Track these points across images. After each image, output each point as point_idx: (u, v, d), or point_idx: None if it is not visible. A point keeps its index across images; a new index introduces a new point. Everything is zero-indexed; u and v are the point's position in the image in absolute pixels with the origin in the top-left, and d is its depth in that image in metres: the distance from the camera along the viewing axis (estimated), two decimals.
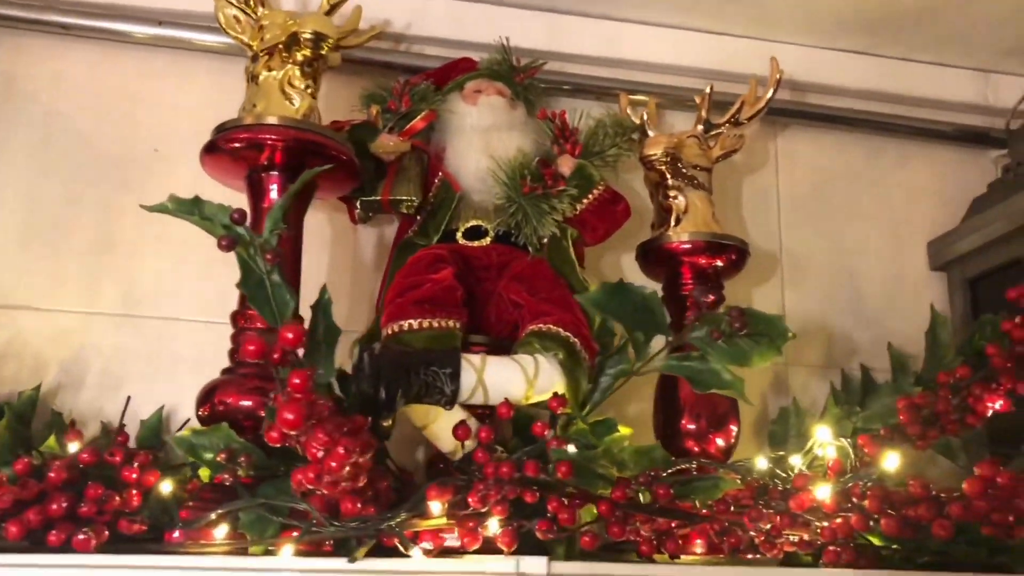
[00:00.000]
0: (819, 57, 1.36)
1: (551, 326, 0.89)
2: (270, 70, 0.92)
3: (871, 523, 0.82)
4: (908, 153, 1.39)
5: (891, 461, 0.89)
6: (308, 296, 0.82)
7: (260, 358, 0.62)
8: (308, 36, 0.90)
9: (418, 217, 1.04)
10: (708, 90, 1.13)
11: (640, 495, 0.80)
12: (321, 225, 1.16)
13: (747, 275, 1.27)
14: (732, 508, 0.81)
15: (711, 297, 0.90)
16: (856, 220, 1.34)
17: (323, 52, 0.92)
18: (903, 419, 1.00)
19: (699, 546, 0.81)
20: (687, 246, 1.04)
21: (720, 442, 1.00)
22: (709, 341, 0.82)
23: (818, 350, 1.28)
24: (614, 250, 1.20)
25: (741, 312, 0.82)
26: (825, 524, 0.81)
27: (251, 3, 0.96)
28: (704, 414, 1.00)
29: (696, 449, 0.99)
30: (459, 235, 1.02)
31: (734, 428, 1.02)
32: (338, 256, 1.16)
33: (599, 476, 0.80)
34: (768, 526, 0.82)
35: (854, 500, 0.84)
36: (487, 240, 1.01)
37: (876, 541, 0.86)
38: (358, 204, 1.03)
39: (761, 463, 0.97)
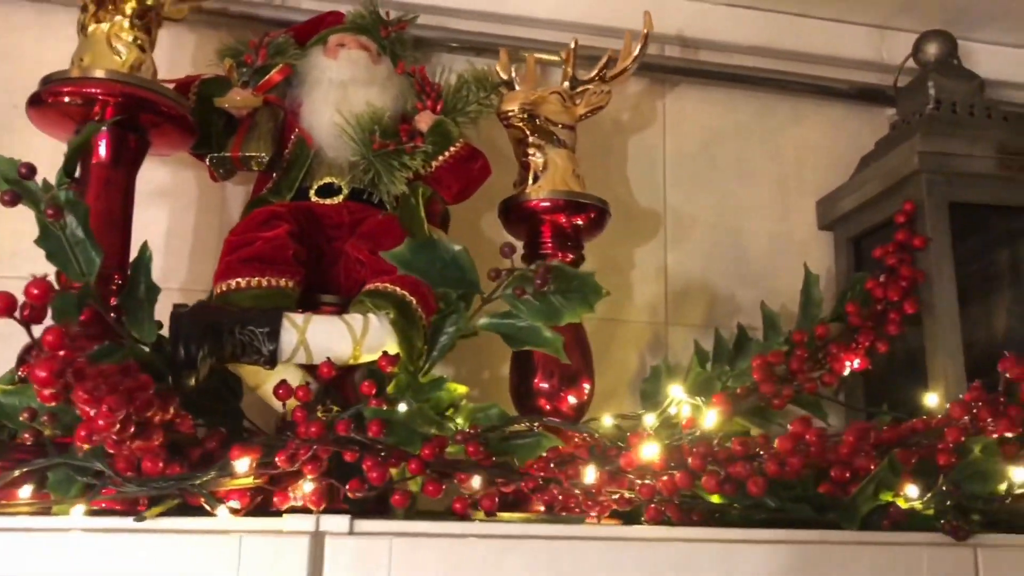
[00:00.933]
0: (711, 13, 1.34)
1: (387, 285, 0.87)
2: (99, 22, 0.90)
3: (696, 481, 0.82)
4: (801, 111, 1.37)
5: (710, 418, 0.89)
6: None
7: (7, 315, 0.60)
8: None
9: (274, 175, 1.02)
10: (572, 45, 1.10)
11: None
12: (187, 183, 1.14)
13: (630, 235, 1.27)
14: (552, 465, 0.80)
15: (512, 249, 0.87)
16: (745, 179, 1.33)
17: (149, 3, 0.89)
18: (756, 377, 1.00)
19: (522, 504, 0.81)
20: (546, 204, 1.02)
21: (572, 400, 0.99)
22: (517, 299, 0.81)
23: (700, 309, 1.27)
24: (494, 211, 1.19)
25: (547, 269, 0.80)
26: (647, 482, 0.81)
27: None
28: (557, 372, 0.99)
29: (548, 407, 0.99)
30: (312, 193, 1.00)
31: (587, 386, 1.01)
32: (204, 215, 1.15)
33: (419, 435, 0.79)
34: (589, 483, 0.82)
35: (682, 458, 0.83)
36: (340, 198, 0.99)
37: (717, 500, 0.86)
38: (207, 161, 1.01)
39: (607, 421, 0.97)
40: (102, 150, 0.88)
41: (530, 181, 1.03)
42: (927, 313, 1.08)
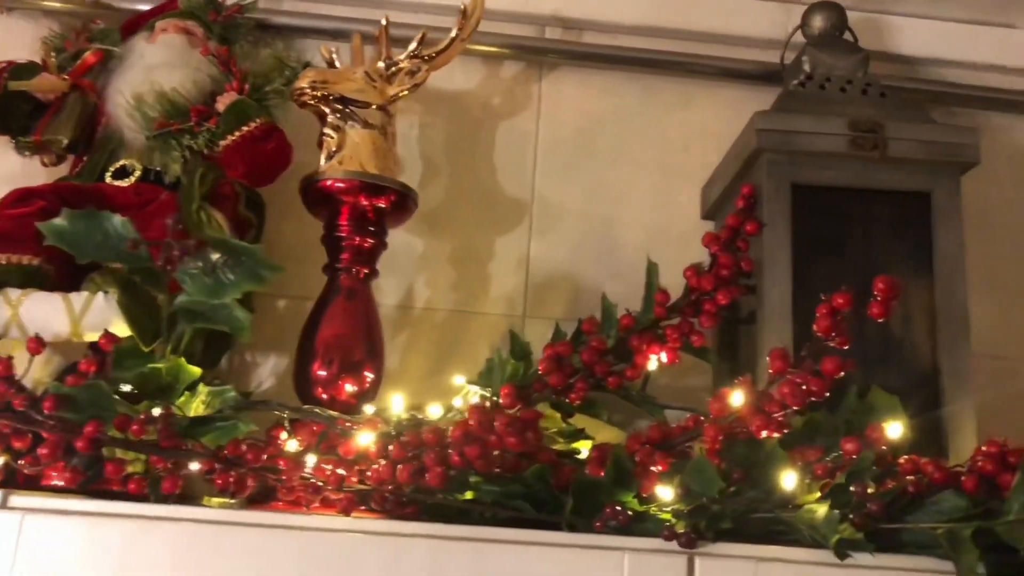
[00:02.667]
0: None
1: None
2: None
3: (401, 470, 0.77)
4: (691, 93, 1.28)
5: (434, 410, 0.84)
6: None
7: None
8: None
9: (85, 158, 1.04)
10: (383, 22, 1.07)
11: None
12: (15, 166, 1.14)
13: (492, 224, 1.23)
14: (245, 448, 0.77)
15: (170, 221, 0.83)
16: (623, 166, 1.25)
17: None
18: (541, 368, 0.94)
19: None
20: (340, 184, 0.99)
21: (350, 388, 0.95)
22: (187, 274, 0.78)
23: (562, 303, 1.20)
24: None
25: (199, 244, 0.77)
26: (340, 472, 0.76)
27: None
28: (337, 359, 0.96)
29: (324, 395, 0.95)
30: (108, 175, 1.00)
31: (369, 375, 0.96)
32: None
33: (110, 413, 0.77)
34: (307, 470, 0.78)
35: (390, 448, 0.78)
36: (131, 179, 0.99)
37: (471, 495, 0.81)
38: (14, 145, 1.03)
39: (369, 409, 0.93)
40: None
41: (322, 160, 1.00)
42: (759, 304, 0.98)
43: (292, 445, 0.79)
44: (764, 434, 0.77)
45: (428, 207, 1.20)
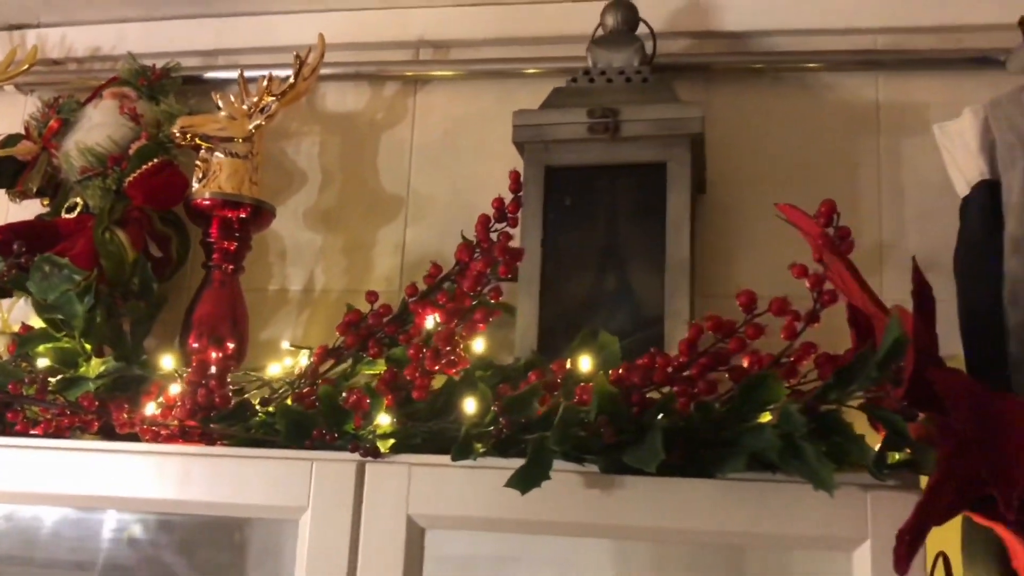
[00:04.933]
0: (449, 14, 1.51)
1: None
2: None
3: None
4: (539, 93, 1.48)
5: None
6: None
7: None
8: None
9: (52, 199, 1.43)
10: (239, 74, 1.37)
11: None
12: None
13: (375, 217, 1.50)
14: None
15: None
16: (483, 160, 1.48)
17: None
18: (338, 331, 1.21)
19: None
20: (206, 202, 1.31)
21: (215, 355, 1.26)
22: (33, 280, 1.13)
23: None
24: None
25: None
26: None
27: None
28: (206, 333, 1.28)
29: (197, 355, 1.27)
30: (63, 210, 1.38)
31: (232, 344, 1.28)
32: None
33: None
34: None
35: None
36: (76, 212, 1.37)
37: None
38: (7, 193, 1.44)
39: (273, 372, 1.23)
40: None
41: (194, 184, 1.32)
42: (520, 277, 1.19)
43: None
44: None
45: (326, 207, 1.51)
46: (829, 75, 1.40)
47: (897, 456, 0.88)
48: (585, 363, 0.99)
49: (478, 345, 1.13)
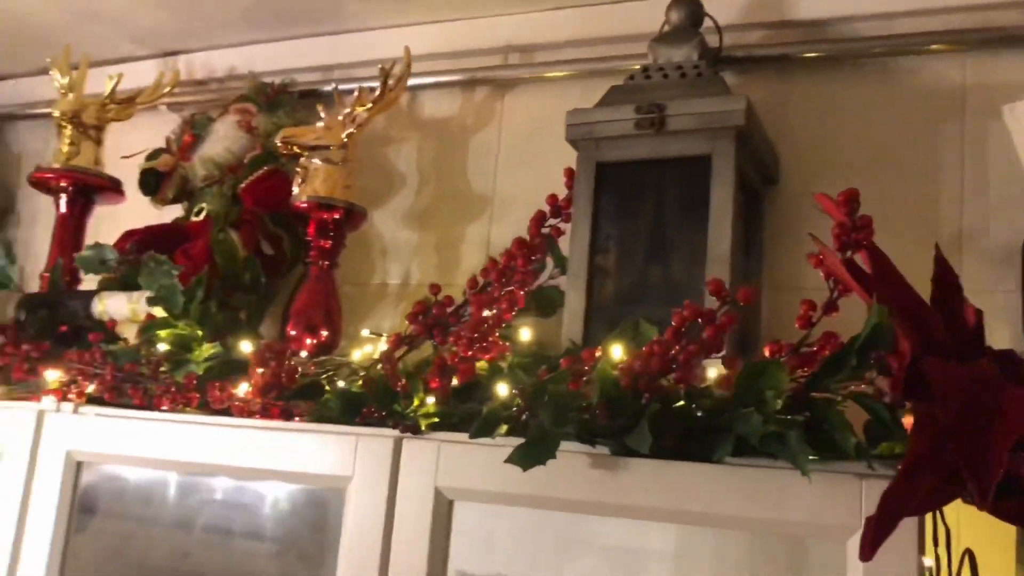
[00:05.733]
0: (533, 20, 1.58)
1: None
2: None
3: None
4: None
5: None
6: None
7: None
8: (57, 115, 1.56)
9: (186, 204, 1.63)
10: (334, 86, 1.50)
11: None
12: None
13: (463, 216, 1.60)
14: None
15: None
16: (564, 159, 1.53)
17: (64, 124, 1.56)
18: (407, 320, 1.31)
19: None
20: (304, 205, 1.45)
21: (309, 341, 1.41)
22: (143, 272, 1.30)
23: None
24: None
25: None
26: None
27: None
28: (303, 323, 1.42)
29: (294, 346, 1.42)
30: (193, 214, 1.58)
31: (325, 332, 1.41)
32: None
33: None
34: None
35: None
36: (203, 216, 1.56)
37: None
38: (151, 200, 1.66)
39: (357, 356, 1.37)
40: (63, 205, 1.58)
41: (295, 189, 1.47)
42: (569, 270, 1.25)
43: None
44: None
45: (421, 207, 1.63)
46: (912, 59, 1.35)
47: (897, 448, 0.87)
48: (616, 351, 1.04)
49: (524, 334, 1.20)
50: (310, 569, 1.13)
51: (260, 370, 1.20)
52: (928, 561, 0.95)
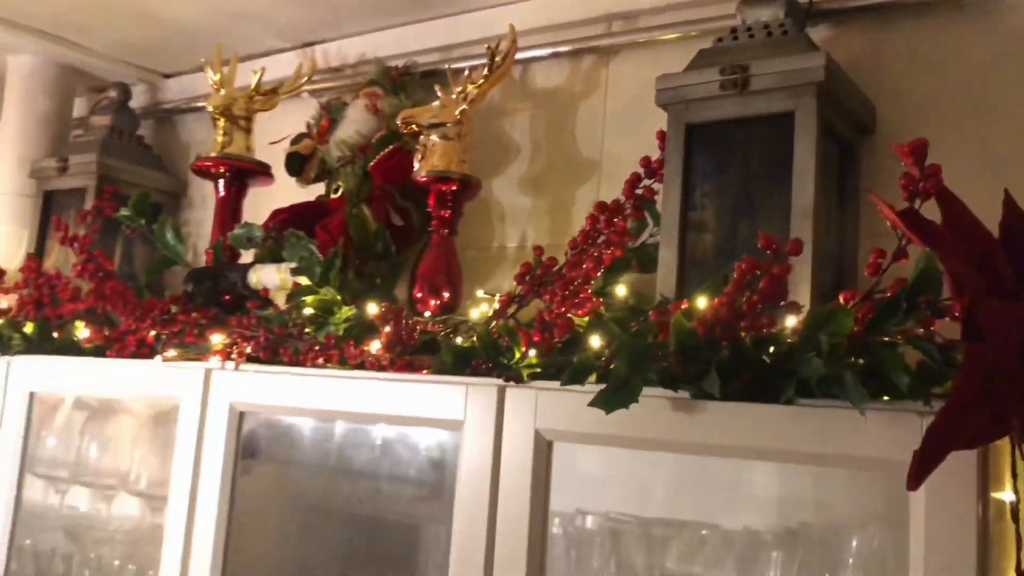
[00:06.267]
0: None
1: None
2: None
3: None
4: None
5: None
6: None
7: None
8: (210, 109, 1.76)
9: (326, 183, 1.81)
10: (447, 67, 1.62)
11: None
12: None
13: (572, 179, 1.70)
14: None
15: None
16: (664, 121, 1.60)
17: (217, 116, 1.76)
18: (515, 280, 1.43)
19: None
20: (424, 179, 1.59)
21: (433, 302, 1.55)
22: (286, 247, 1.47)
23: None
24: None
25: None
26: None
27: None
28: (427, 286, 1.57)
29: (420, 307, 1.57)
30: (332, 192, 1.76)
31: (446, 294, 1.55)
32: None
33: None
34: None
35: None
36: (339, 193, 1.73)
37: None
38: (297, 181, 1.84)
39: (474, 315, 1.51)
40: (221, 189, 1.80)
41: (416, 164, 1.61)
42: (662, 228, 1.32)
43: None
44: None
45: (535, 174, 1.74)
46: None
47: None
48: (701, 303, 1.12)
49: (620, 290, 1.30)
50: (433, 500, 1.28)
51: (387, 329, 1.36)
52: (1010, 495, 0.99)
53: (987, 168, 1.28)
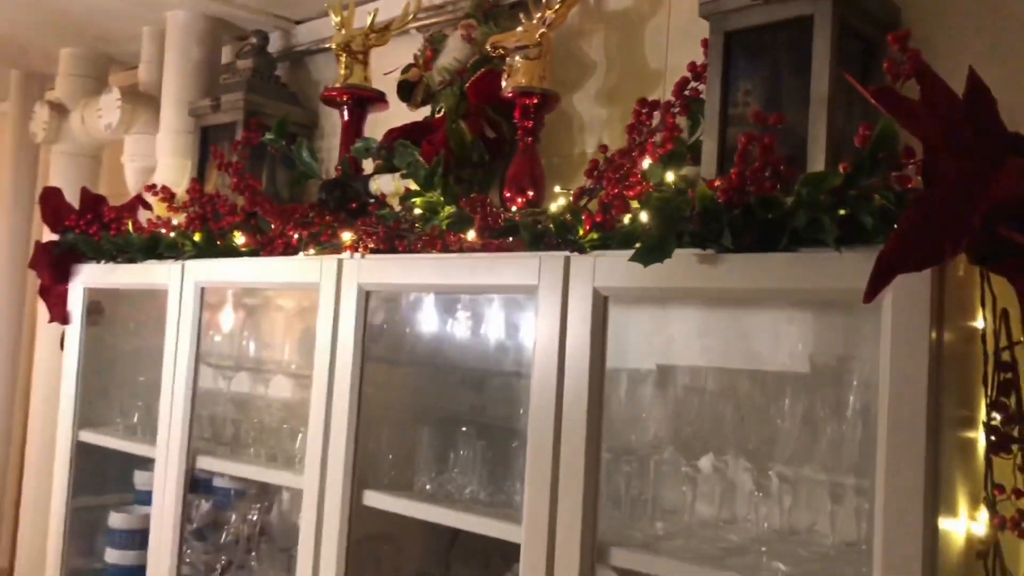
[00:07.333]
0: None
1: None
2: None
3: None
4: None
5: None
6: None
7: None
8: (333, 47, 2.08)
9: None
10: None
11: None
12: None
13: (641, 88, 1.93)
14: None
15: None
16: None
17: (339, 53, 2.08)
18: (584, 175, 1.70)
19: None
20: (509, 94, 1.86)
21: (520, 200, 1.83)
22: (395, 155, 1.76)
23: None
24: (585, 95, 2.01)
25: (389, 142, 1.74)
26: None
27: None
28: (514, 186, 1.85)
29: (509, 205, 1.85)
30: (436, 112, 2.06)
31: (531, 193, 1.83)
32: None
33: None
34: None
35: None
36: (441, 113, 2.03)
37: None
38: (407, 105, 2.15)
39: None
40: (345, 115, 2.13)
41: (503, 82, 1.88)
42: (705, 119, 1.56)
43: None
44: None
45: (609, 87, 1.98)
46: None
47: None
48: None
49: (669, 176, 1.54)
50: (511, 345, 1.58)
51: (476, 217, 1.66)
52: (981, 323, 1.21)
53: (1006, 64, 1.45)
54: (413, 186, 1.89)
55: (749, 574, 1.30)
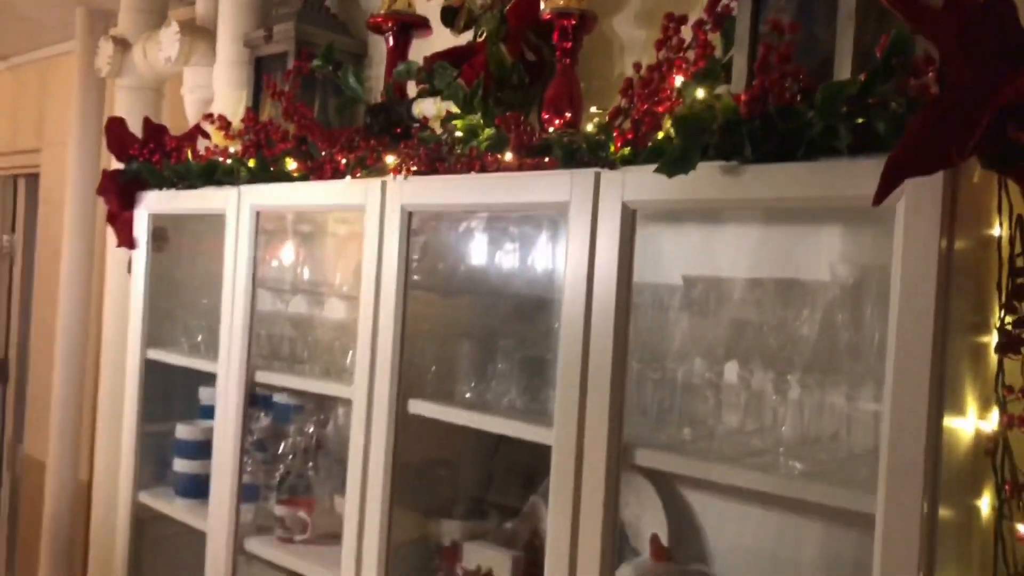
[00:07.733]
0: None
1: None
2: None
3: None
4: None
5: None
6: None
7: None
8: None
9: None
10: None
11: None
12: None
13: (678, 10, 1.94)
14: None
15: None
16: None
17: None
18: (619, 94, 1.74)
19: None
20: (547, 16, 1.90)
21: (557, 122, 1.88)
22: (433, 76, 1.81)
23: None
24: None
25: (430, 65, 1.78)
26: None
27: None
28: (552, 109, 1.89)
29: (547, 127, 1.89)
30: (477, 36, 2.10)
31: (568, 114, 1.87)
32: None
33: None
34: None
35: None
36: (482, 37, 2.07)
37: None
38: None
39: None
40: (390, 41, 2.18)
41: (542, 4, 1.91)
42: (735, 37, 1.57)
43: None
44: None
45: (647, 9, 2.00)
46: None
47: None
48: None
49: (699, 93, 1.57)
50: (548, 267, 1.65)
51: (511, 135, 1.71)
52: (997, 231, 1.23)
53: None
54: (455, 109, 1.94)
55: (767, 471, 1.36)
